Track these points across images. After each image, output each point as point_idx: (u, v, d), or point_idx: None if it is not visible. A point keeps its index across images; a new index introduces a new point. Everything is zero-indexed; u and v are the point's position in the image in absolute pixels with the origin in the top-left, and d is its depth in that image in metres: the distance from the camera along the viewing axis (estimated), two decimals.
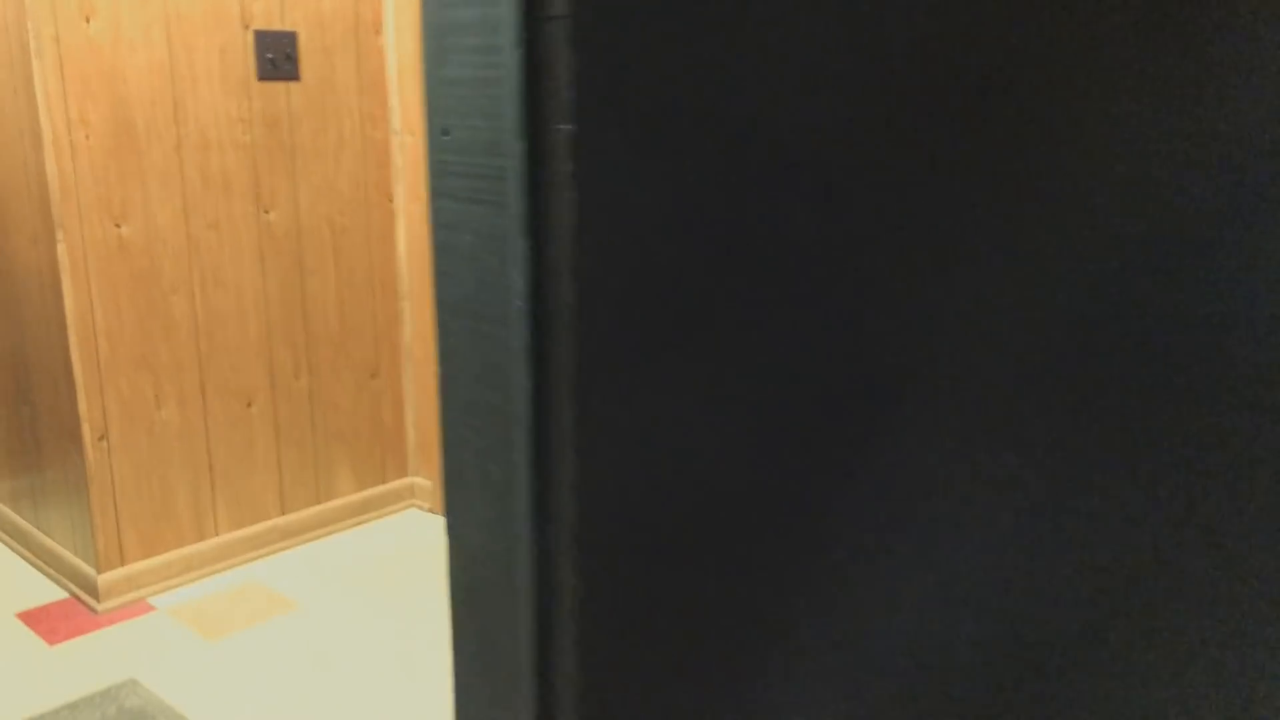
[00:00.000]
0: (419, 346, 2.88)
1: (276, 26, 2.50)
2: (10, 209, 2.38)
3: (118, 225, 2.30)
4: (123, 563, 2.41)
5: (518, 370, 0.96)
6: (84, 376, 2.29)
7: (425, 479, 2.96)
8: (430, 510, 2.95)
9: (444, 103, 0.98)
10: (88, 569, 2.41)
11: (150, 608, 2.39)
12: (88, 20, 2.18)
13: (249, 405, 2.60)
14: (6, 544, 2.73)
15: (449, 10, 0.95)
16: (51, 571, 2.55)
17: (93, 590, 2.39)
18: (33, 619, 2.33)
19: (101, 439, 2.34)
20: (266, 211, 2.55)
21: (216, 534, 2.58)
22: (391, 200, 2.82)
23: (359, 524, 2.87)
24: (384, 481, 2.94)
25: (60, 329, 2.30)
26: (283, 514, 2.71)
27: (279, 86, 2.53)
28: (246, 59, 2.45)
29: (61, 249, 2.23)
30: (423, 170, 2.74)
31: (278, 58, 2.51)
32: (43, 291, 2.33)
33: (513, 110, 0.91)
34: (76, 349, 2.28)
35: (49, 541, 2.56)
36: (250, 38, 2.45)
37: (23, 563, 2.62)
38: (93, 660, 2.16)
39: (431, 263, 1.11)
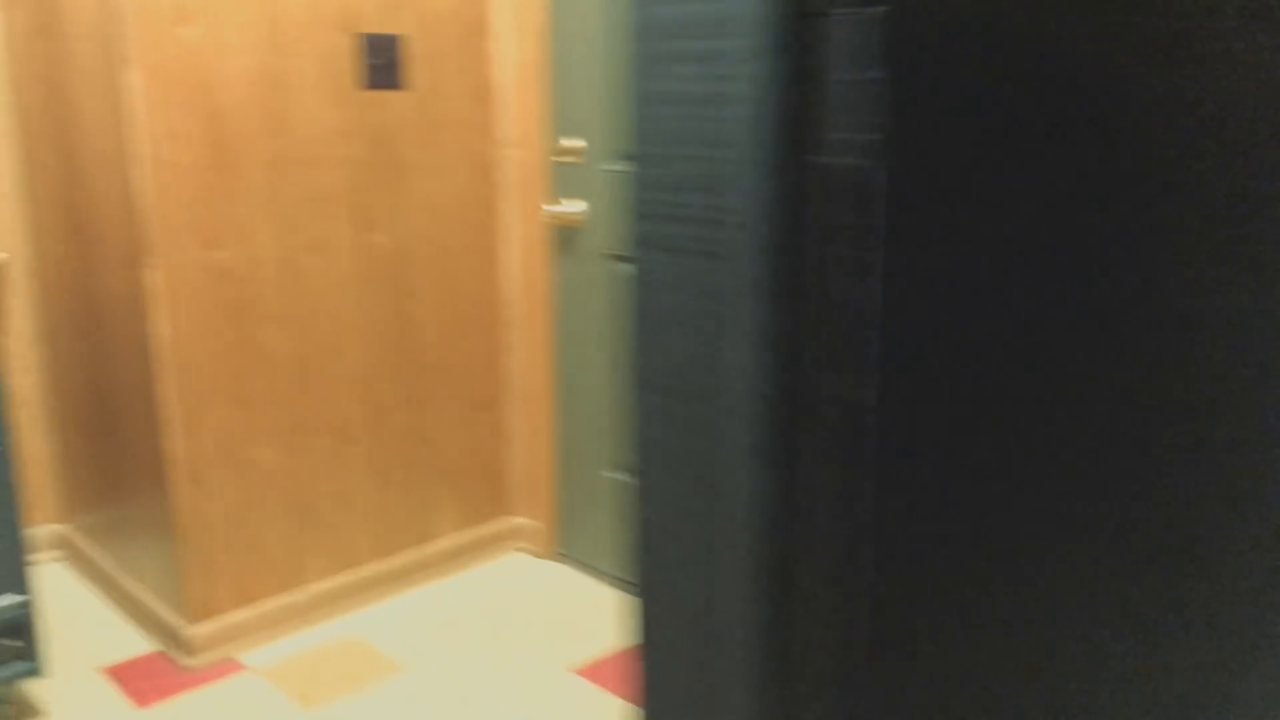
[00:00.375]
0: (526, 378, 2.65)
1: (380, 29, 2.29)
2: (97, 230, 2.21)
3: (211, 249, 2.11)
4: (212, 614, 2.22)
5: (743, 477, 0.71)
6: (172, 413, 2.11)
7: (531, 520, 2.73)
8: (537, 554, 2.72)
9: (652, 125, 0.73)
10: (175, 620, 2.22)
11: (240, 666, 2.19)
12: (182, 25, 1.99)
13: (347, 442, 2.40)
14: (89, 585, 2.57)
15: (663, 7, 0.69)
16: (135, 619, 2.37)
17: (180, 644, 2.20)
18: (121, 676, 2.15)
19: (190, 480, 2.15)
20: (368, 232, 2.35)
21: (311, 582, 2.38)
22: (500, 220, 2.60)
23: (461, 568, 2.65)
24: (487, 523, 2.72)
25: (148, 361, 2.12)
26: (381, 559, 2.50)
27: (382, 96, 2.32)
28: (349, 66, 2.25)
29: (151, 275, 2.04)
30: (533, 187, 2.51)
31: (382, 64, 2.30)
32: (130, 320, 2.15)
33: (749, 136, 0.65)
34: (164, 383, 2.09)
35: (133, 588, 2.38)
36: (353, 42, 2.24)
37: (103, 606, 2.45)
38: None
39: (629, 325, 0.83)
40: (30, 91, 2.36)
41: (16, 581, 1.97)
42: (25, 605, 1.96)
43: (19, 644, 1.95)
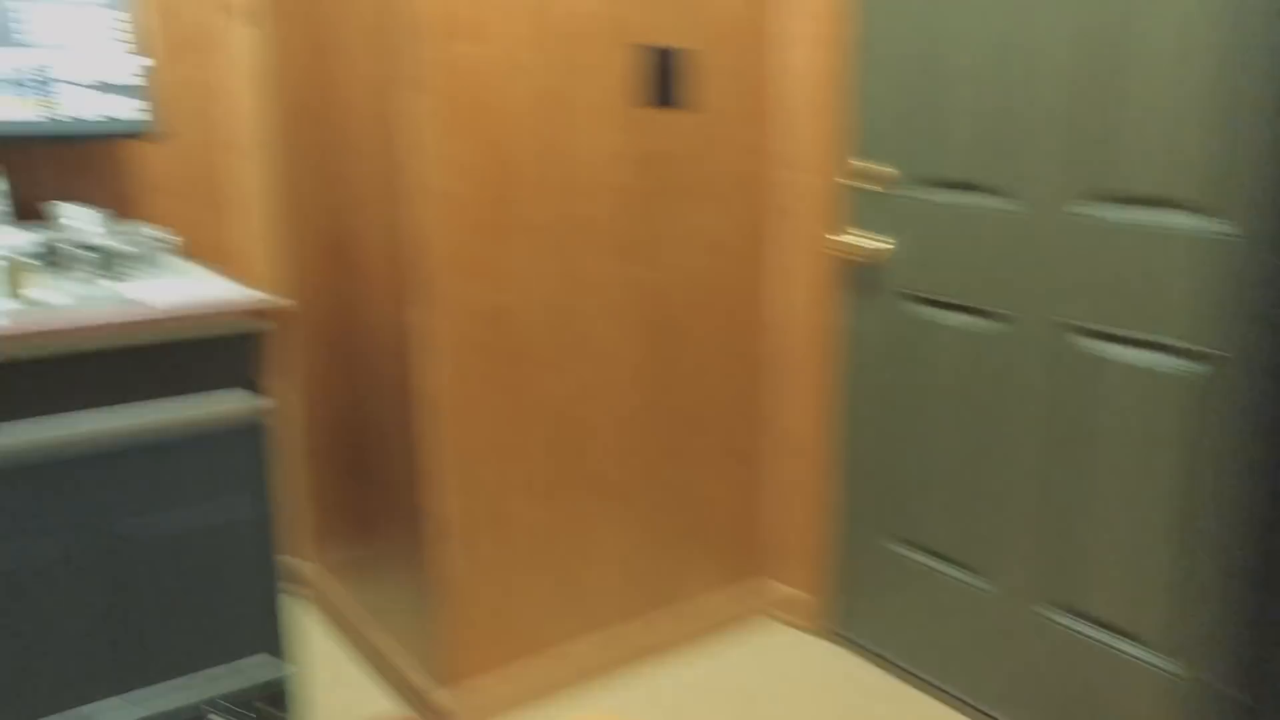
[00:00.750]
0: (797, 430, 2.36)
1: (662, 41, 2.05)
2: (362, 263, 2.06)
3: (483, 288, 1.91)
4: (463, 677, 2.03)
5: None
6: (434, 462, 1.93)
7: (795, 589, 2.44)
8: (800, 628, 2.42)
9: None
10: (425, 682, 2.04)
11: None
12: (468, 42, 1.80)
13: (603, 495, 2.17)
14: (333, 628, 2.44)
15: None
16: (383, 674, 2.22)
17: (431, 709, 2.02)
18: None
19: (447, 534, 1.97)
20: (633, 266, 2.11)
21: (562, 644, 2.17)
22: (772, 251, 2.32)
23: (714, 634, 2.38)
24: (742, 586, 2.44)
25: (411, 405, 1.95)
26: (631, 620, 2.26)
27: (658, 115, 2.08)
28: (627, 82, 2.02)
29: (420, 314, 1.87)
30: (817, 215, 2.22)
31: (662, 80, 2.06)
32: (394, 360, 1.99)
33: None
34: (428, 430, 1.91)
35: (381, 641, 2.23)
36: (632, 56, 2.01)
37: (348, 656, 2.31)
38: None
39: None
40: (297, 112, 2.25)
41: (273, 642, 1.83)
42: (285, 670, 1.81)
43: (278, 713, 1.81)
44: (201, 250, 2.29)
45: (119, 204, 2.17)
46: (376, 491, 2.17)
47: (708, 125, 2.16)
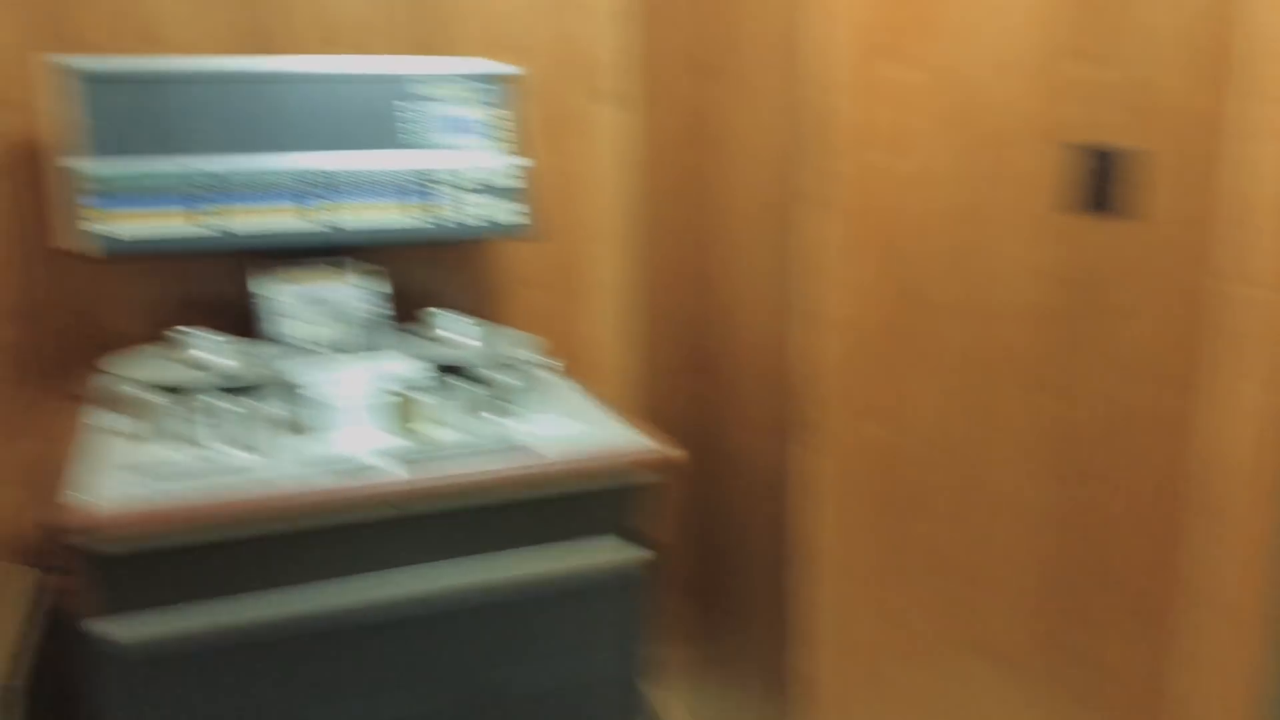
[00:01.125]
0: (1228, 589, 1.95)
1: (1097, 138, 1.72)
2: (727, 385, 1.88)
3: (874, 425, 1.68)
4: None
5: None
6: (807, 617, 1.71)
7: None
8: None
9: None
10: None
11: None
12: (879, 151, 1.57)
13: (995, 661, 1.87)
14: None
15: None
16: None
17: None
18: None
19: (818, 698, 1.74)
20: (1052, 400, 1.80)
21: None
22: (1209, 378, 1.93)
23: None
24: None
25: (782, 551, 1.75)
26: None
27: (1089, 224, 1.75)
28: (1055, 188, 1.71)
29: (800, 452, 1.66)
30: (1276, 343, 1.81)
31: (1096, 183, 1.73)
32: (761, 497, 1.79)
33: None
34: (802, 580, 1.70)
35: None
36: (1063, 157, 1.71)
37: None
38: None
39: None
40: (665, 207, 2.11)
41: None
42: None
43: None
44: (555, 341, 2.20)
45: (481, 297, 2.12)
46: (732, 639, 1.98)
47: (1144, 233, 1.80)
